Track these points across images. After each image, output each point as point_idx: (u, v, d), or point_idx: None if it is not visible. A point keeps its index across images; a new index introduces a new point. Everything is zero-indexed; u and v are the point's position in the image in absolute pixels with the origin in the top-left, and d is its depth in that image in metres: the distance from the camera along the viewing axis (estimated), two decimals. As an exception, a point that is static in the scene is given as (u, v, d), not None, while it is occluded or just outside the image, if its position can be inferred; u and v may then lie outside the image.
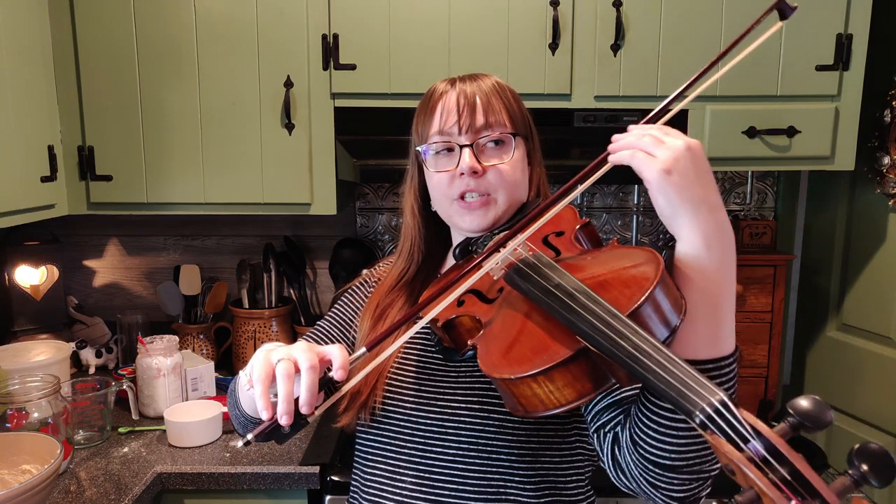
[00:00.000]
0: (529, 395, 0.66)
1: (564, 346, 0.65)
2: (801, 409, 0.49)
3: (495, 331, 0.75)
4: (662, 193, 0.69)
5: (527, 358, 0.67)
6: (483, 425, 0.89)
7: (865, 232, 1.85)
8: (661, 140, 0.71)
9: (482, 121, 0.93)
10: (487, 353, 0.72)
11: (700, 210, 0.69)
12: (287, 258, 2.07)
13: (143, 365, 1.69)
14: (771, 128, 1.67)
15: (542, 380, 0.65)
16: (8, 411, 1.36)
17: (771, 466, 0.47)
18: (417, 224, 1.04)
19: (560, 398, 0.65)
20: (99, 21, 1.65)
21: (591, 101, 1.68)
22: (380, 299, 1.03)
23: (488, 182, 0.94)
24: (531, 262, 0.77)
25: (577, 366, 0.64)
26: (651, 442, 0.72)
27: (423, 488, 0.91)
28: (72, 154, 1.70)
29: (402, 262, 1.05)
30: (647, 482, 0.75)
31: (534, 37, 1.65)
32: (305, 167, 1.71)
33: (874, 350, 1.82)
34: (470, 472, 0.89)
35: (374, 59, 1.66)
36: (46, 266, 2.03)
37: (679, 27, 1.64)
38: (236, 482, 1.45)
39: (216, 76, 1.67)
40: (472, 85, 0.96)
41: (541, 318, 0.71)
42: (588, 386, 0.65)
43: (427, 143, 0.97)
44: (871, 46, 1.65)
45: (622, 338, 0.61)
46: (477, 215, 0.94)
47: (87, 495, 1.34)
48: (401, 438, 0.93)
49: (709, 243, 0.69)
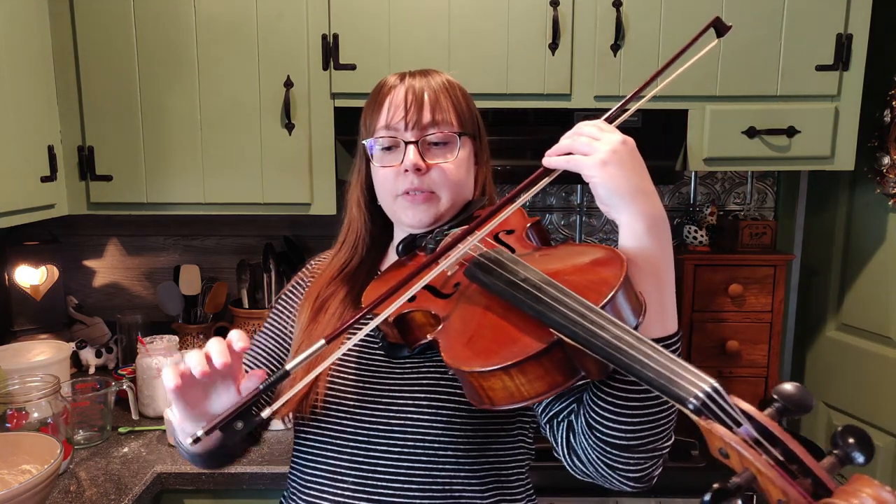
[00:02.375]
0: (499, 387, 0.66)
1: (536, 339, 0.65)
2: (786, 393, 0.52)
3: (456, 325, 0.75)
4: (602, 184, 0.73)
5: (496, 351, 0.66)
6: (431, 422, 0.88)
7: (865, 232, 1.85)
8: (597, 137, 0.75)
9: (429, 118, 0.93)
10: (451, 347, 0.72)
11: (638, 197, 0.73)
12: (287, 258, 2.07)
13: (143, 365, 1.69)
14: (771, 128, 1.67)
15: (514, 372, 0.64)
16: (8, 411, 1.36)
17: (763, 447, 0.49)
18: (363, 216, 1.03)
19: (530, 390, 0.65)
20: (99, 22, 1.65)
21: (591, 101, 1.68)
22: (320, 290, 1.01)
23: (432, 180, 0.94)
24: (493, 257, 0.77)
25: (550, 358, 0.64)
26: (607, 424, 0.74)
27: (366, 489, 0.89)
28: (72, 154, 1.70)
29: (344, 254, 1.04)
30: (604, 464, 0.77)
31: (534, 37, 1.65)
32: (305, 167, 1.71)
33: (874, 350, 1.82)
34: (416, 470, 0.88)
35: (374, 59, 1.66)
36: (46, 266, 2.03)
37: (679, 27, 1.64)
38: (236, 482, 1.45)
39: (216, 76, 1.67)
40: (421, 81, 0.96)
41: (506, 312, 0.71)
42: (559, 378, 0.65)
43: (373, 138, 0.96)
44: (871, 46, 1.65)
45: (602, 329, 0.61)
46: (420, 210, 0.94)
47: (87, 495, 1.34)
48: (342, 437, 0.91)
49: (649, 228, 0.73)
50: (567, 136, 0.77)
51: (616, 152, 0.73)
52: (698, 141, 1.69)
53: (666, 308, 0.75)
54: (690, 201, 2.13)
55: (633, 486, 0.80)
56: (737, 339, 1.89)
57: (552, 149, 0.78)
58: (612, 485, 0.80)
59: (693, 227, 1.99)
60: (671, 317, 0.75)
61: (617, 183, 0.72)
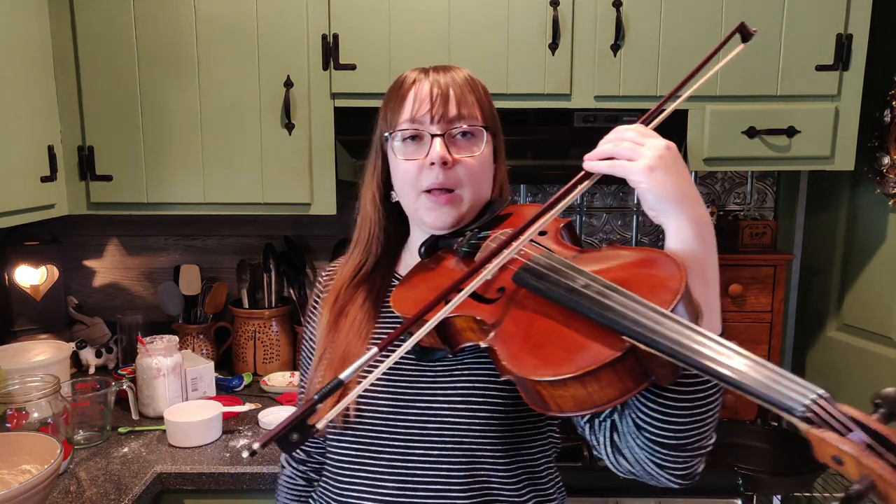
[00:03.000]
0: (568, 395, 0.65)
1: (608, 346, 0.64)
2: (891, 398, 0.52)
3: (513, 332, 0.74)
4: (650, 190, 0.73)
5: (567, 359, 0.65)
6: (468, 424, 0.88)
7: (865, 232, 1.85)
8: (640, 142, 0.74)
9: (455, 112, 0.92)
10: (514, 355, 0.71)
11: (686, 202, 0.73)
12: (287, 258, 2.07)
13: (143, 365, 1.69)
14: (771, 128, 1.67)
15: (587, 380, 0.63)
16: (8, 411, 1.35)
17: (878, 452, 0.49)
18: (378, 213, 1.01)
19: (602, 397, 0.64)
20: (99, 21, 1.65)
21: (591, 101, 1.68)
22: (337, 295, 1.00)
23: (456, 175, 0.92)
24: (545, 263, 0.76)
25: (623, 365, 0.63)
26: (656, 424, 0.74)
27: (406, 493, 0.89)
28: (72, 154, 1.70)
29: (358, 255, 1.02)
30: (653, 463, 0.78)
31: (534, 37, 1.65)
32: (305, 167, 1.71)
33: (874, 350, 1.82)
34: (454, 472, 0.88)
35: (373, 59, 1.66)
36: (46, 266, 2.03)
37: (679, 27, 1.64)
38: (236, 482, 1.45)
39: (216, 76, 1.67)
40: (445, 76, 0.95)
41: (567, 318, 0.70)
42: (630, 384, 0.64)
43: (396, 130, 0.94)
44: (871, 46, 1.65)
45: (685, 337, 0.60)
46: (443, 212, 0.92)
47: (87, 495, 1.34)
48: (379, 444, 0.91)
49: (698, 233, 0.73)
50: (607, 140, 0.77)
51: (662, 157, 0.73)
52: (698, 141, 1.69)
53: (713, 311, 0.75)
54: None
55: (679, 484, 0.80)
56: (737, 339, 1.85)
57: (592, 153, 0.77)
58: (658, 482, 0.81)
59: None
60: (717, 319, 0.76)
61: (665, 188, 0.72)
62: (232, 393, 1.88)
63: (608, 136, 0.77)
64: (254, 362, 2.00)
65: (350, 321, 0.97)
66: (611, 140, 0.76)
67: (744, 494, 1.47)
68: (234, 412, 1.69)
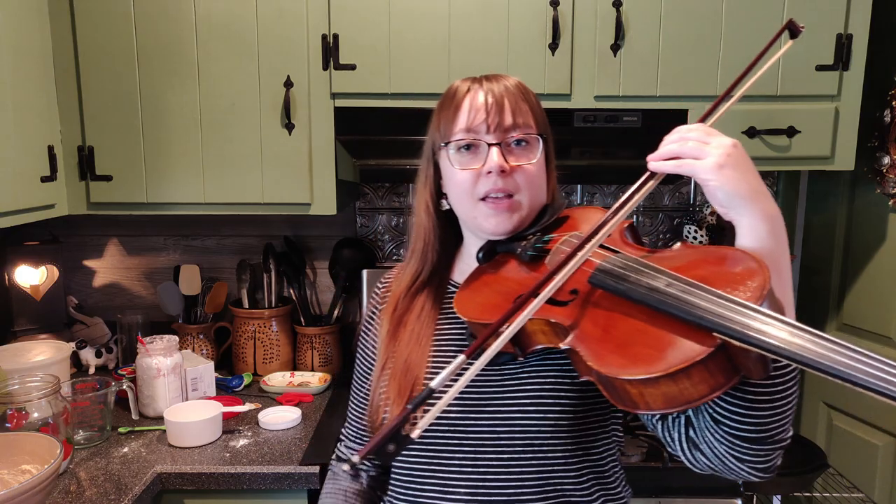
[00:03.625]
0: (658, 393, 0.66)
1: (699, 343, 0.64)
2: None
3: (592, 332, 0.74)
4: (721, 188, 0.74)
5: (658, 357, 0.66)
6: (539, 425, 0.89)
7: (865, 232, 1.85)
8: (706, 140, 0.76)
9: (510, 121, 0.93)
10: (599, 355, 0.71)
11: (757, 198, 0.74)
12: (287, 258, 2.07)
13: (143, 365, 1.69)
14: (771, 128, 1.67)
15: (680, 378, 0.64)
16: (8, 411, 1.36)
17: None
18: (433, 223, 1.01)
19: (693, 394, 0.65)
20: (99, 21, 1.65)
21: (591, 101, 1.68)
22: (396, 305, 1.01)
23: (515, 182, 0.93)
24: (622, 264, 0.77)
25: (714, 361, 0.64)
26: (735, 418, 0.75)
27: (479, 497, 0.90)
28: (72, 154, 1.70)
29: (415, 264, 1.03)
30: (732, 457, 0.78)
31: (534, 37, 1.65)
32: (305, 167, 1.71)
33: (875, 350, 1.81)
34: (527, 474, 0.89)
35: (373, 59, 1.66)
36: (46, 266, 2.03)
37: (679, 27, 1.64)
38: (236, 482, 1.45)
39: (216, 76, 1.67)
40: (498, 84, 0.95)
41: (650, 317, 0.70)
42: (721, 380, 0.65)
43: (452, 140, 0.94)
44: (871, 46, 1.65)
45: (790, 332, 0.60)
46: (503, 218, 0.93)
47: (87, 495, 1.34)
48: (449, 450, 0.91)
49: (771, 229, 0.74)
50: (671, 140, 0.78)
51: (730, 155, 0.74)
52: (698, 141, 1.69)
53: (790, 308, 0.75)
54: (690, 201, 2.13)
55: (760, 477, 0.80)
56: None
57: (656, 153, 0.79)
58: (738, 476, 0.81)
59: (693, 227, 1.99)
60: (791, 315, 0.75)
61: (736, 185, 0.74)
62: (232, 393, 1.88)
63: (671, 137, 0.79)
64: (254, 362, 2.00)
65: (409, 330, 0.98)
66: (675, 140, 0.78)
67: (744, 494, 1.47)
68: (233, 412, 1.69)
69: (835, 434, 1.94)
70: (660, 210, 2.12)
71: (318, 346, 2.01)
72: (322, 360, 2.01)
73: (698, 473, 0.86)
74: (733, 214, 0.75)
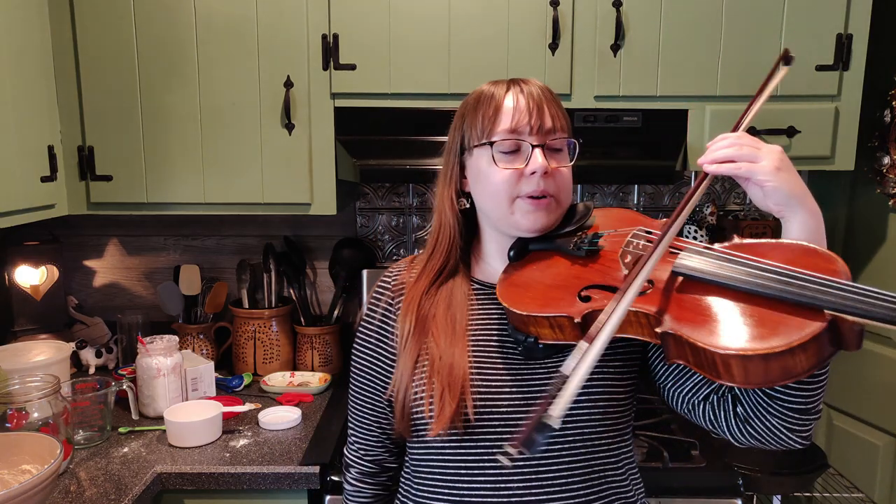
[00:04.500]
0: (777, 367, 0.71)
1: (812, 319, 0.70)
2: None
3: (688, 317, 0.78)
4: (779, 188, 0.82)
5: (772, 333, 0.71)
6: (589, 415, 0.92)
7: (865, 232, 1.85)
8: (758, 146, 0.84)
9: (550, 124, 0.96)
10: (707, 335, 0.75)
11: (807, 198, 0.83)
12: (287, 258, 2.07)
13: (143, 365, 1.69)
14: (771, 128, 1.67)
15: (797, 352, 0.70)
16: (8, 411, 1.36)
17: None
18: (457, 219, 1.02)
19: (805, 365, 0.71)
20: (99, 21, 1.65)
21: (591, 101, 1.68)
22: (420, 301, 1.00)
23: (554, 184, 0.96)
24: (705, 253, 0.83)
25: (828, 335, 0.71)
26: (793, 392, 0.82)
27: (532, 490, 0.92)
28: (72, 154, 1.70)
29: (438, 258, 1.03)
30: (784, 428, 0.85)
31: (534, 37, 1.65)
32: (305, 167, 1.71)
33: (874, 350, 1.82)
34: (577, 465, 0.93)
35: (373, 59, 1.66)
36: (46, 266, 2.03)
37: (679, 27, 1.64)
38: (236, 482, 1.45)
39: (216, 76, 1.67)
40: (532, 87, 0.98)
41: (745, 299, 0.76)
42: (826, 352, 0.71)
43: (496, 140, 0.96)
44: (871, 46, 1.65)
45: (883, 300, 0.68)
46: (541, 215, 0.95)
47: (87, 495, 1.34)
48: (501, 445, 0.92)
49: (816, 223, 0.83)
50: (723, 145, 0.86)
51: (783, 159, 0.83)
52: (698, 141, 1.69)
53: None
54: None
55: (803, 444, 0.88)
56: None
57: (709, 157, 0.87)
58: (784, 446, 0.88)
59: (693, 227, 1.99)
60: None
61: (791, 186, 0.82)
62: (232, 393, 1.88)
63: (722, 143, 0.86)
64: (254, 362, 2.00)
65: (441, 326, 0.98)
66: (728, 145, 0.85)
67: (744, 494, 1.47)
68: (233, 412, 1.69)
69: (835, 434, 1.94)
70: (660, 210, 2.12)
71: (319, 346, 2.01)
72: (322, 361, 2.01)
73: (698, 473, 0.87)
74: (787, 212, 0.83)
